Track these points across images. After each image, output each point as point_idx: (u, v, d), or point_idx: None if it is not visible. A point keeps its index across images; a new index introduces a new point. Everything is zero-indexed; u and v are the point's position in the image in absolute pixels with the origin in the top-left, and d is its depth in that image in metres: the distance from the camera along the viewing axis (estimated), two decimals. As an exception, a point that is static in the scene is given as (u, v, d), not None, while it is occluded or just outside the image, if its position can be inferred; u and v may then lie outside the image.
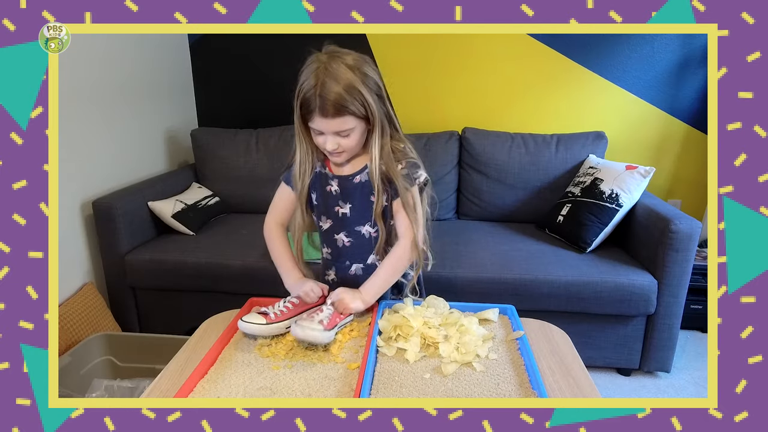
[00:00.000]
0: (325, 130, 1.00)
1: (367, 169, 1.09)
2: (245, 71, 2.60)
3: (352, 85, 0.95)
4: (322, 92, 0.95)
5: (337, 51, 1.00)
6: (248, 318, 0.99)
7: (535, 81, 2.45)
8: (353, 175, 1.11)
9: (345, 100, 0.95)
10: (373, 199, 1.09)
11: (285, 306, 1.04)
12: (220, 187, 2.38)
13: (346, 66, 0.96)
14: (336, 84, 0.95)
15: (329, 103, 0.95)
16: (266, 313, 1.01)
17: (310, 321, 0.95)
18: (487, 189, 2.29)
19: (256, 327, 0.98)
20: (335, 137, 1.01)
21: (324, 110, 0.96)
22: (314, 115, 0.98)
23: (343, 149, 1.03)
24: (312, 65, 0.98)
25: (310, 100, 0.96)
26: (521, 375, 0.87)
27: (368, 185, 1.09)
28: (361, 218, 1.13)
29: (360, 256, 1.16)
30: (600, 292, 1.74)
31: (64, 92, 1.74)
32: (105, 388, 1.51)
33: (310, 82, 0.96)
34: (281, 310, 1.02)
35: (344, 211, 1.13)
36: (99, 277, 1.99)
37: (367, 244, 1.15)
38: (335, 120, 0.97)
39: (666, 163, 2.48)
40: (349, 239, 1.15)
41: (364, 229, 1.14)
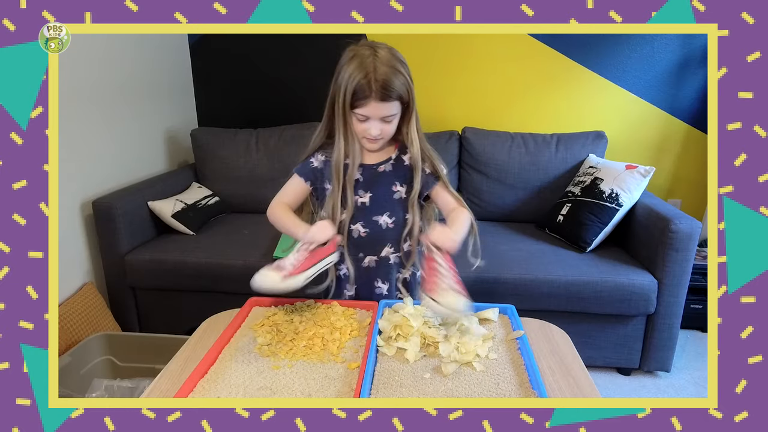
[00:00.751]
0: (374, 116, 1.03)
1: (392, 159, 1.15)
2: (245, 71, 2.60)
3: (400, 70, 1.01)
4: (378, 77, 0.99)
5: (375, 42, 1.05)
6: (262, 274, 0.93)
7: (535, 81, 2.45)
8: (378, 165, 1.14)
9: (397, 84, 1.01)
10: (394, 189, 1.15)
11: (299, 255, 0.97)
12: (220, 187, 2.38)
13: (391, 54, 1.02)
14: (390, 70, 1.00)
15: (386, 87, 1.00)
16: (281, 267, 0.95)
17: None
18: (487, 189, 2.29)
19: (272, 282, 0.92)
20: (380, 123, 1.04)
21: (380, 94, 1.00)
22: (368, 101, 1.01)
23: (383, 135, 1.07)
24: (357, 56, 1.02)
25: (364, 86, 1.00)
26: (521, 375, 0.87)
27: (391, 175, 1.15)
28: (380, 208, 1.15)
29: (374, 247, 1.17)
30: (600, 291, 1.74)
31: (64, 92, 1.74)
32: (105, 388, 1.51)
33: (363, 69, 1.00)
34: (296, 261, 0.96)
35: (363, 200, 1.15)
36: (99, 277, 1.99)
37: (382, 236, 1.17)
38: (387, 104, 1.02)
39: (666, 163, 2.48)
40: (365, 230, 1.16)
41: (382, 219, 1.16)
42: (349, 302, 1.12)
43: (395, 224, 1.16)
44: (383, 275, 1.20)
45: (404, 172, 1.15)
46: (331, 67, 1.07)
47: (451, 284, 0.91)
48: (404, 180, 1.16)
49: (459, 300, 0.88)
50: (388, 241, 1.17)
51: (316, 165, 1.15)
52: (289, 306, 1.10)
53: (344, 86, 1.02)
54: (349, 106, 1.04)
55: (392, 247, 1.18)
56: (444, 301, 0.88)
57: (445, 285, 0.90)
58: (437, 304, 0.88)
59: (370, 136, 1.05)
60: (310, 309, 1.08)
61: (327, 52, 2.48)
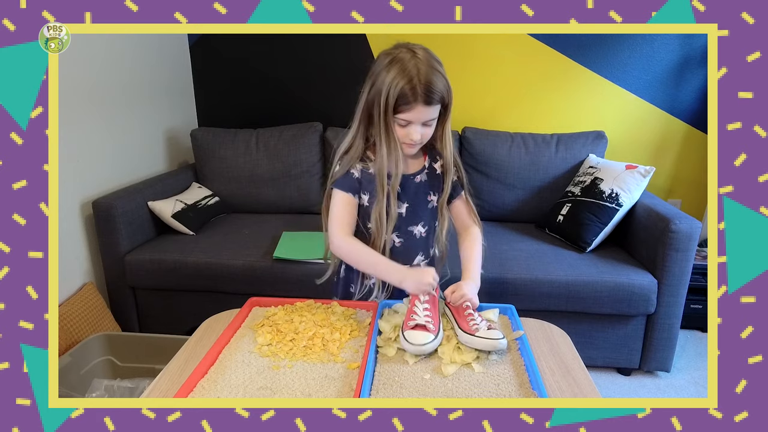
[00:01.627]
0: (417, 120, 1.02)
1: (426, 168, 1.14)
2: (245, 71, 2.60)
3: (440, 71, 1.00)
4: (424, 80, 0.97)
5: (410, 44, 1.02)
6: (411, 338, 0.91)
7: (535, 81, 2.45)
8: (414, 175, 1.13)
9: (440, 86, 1.00)
10: (429, 198, 1.15)
11: (425, 309, 0.97)
12: (220, 187, 2.38)
13: (429, 55, 1.01)
14: (434, 73, 0.99)
15: (431, 91, 0.98)
16: (423, 326, 0.94)
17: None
18: (487, 189, 2.29)
19: (431, 345, 0.91)
20: (421, 127, 1.03)
21: (424, 98, 0.98)
22: (413, 106, 0.99)
23: (422, 140, 1.06)
24: (397, 60, 0.99)
25: (408, 91, 0.98)
26: (521, 375, 0.87)
27: (426, 185, 1.14)
28: (415, 218, 1.15)
29: (407, 257, 1.16)
30: (600, 291, 1.74)
31: (64, 92, 1.74)
32: (105, 388, 1.51)
33: (405, 74, 0.98)
34: (429, 315, 0.96)
35: (400, 211, 1.13)
36: (99, 277, 1.99)
37: (415, 245, 1.16)
38: (431, 108, 1.01)
39: (666, 163, 2.48)
40: (399, 240, 1.15)
41: (416, 229, 1.15)
42: (349, 302, 1.12)
43: (427, 233, 1.17)
44: None
45: (437, 181, 1.16)
46: (332, 67, 1.07)
47: (485, 323, 0.95)
48: (437, 189, 1.16)
49: (497, 333, 0.92)
50: (420, 250, 1.17)
51: (357, 176, 1.11)
52: (289, 306, 1.10)
53: (387, 91, 0.99)
54: (392, 112, 1.01)
55: (422, 255, 1.18)
56: (485, 334, 0.91)
57: (481, 324, 0.94)
58: (482, 339, 0.91)
59: (410, 141, 1.04)
60: (310, 309, 1.08)
61: (327, 52, 2.49)
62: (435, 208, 1.16)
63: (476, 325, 0.93)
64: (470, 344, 0.91)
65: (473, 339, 0.91)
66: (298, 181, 2.35)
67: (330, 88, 2.49)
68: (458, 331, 0.95)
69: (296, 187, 2.36)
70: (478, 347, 0.91)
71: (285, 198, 2.37)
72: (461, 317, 0.97)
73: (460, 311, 0.99)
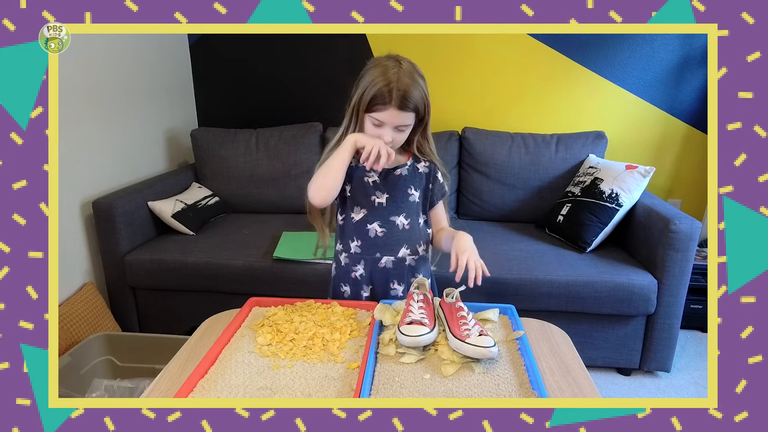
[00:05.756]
0: (390, 122, 1.06)
1: (408, 165, 1.19)
2: (245, 71, 2.60)
3: (421, 85, 1.06)
4: (400, 86, 1.03)
5: (399, 56, 1.09)
6: (407, 330, 0.93)
7: (535, 81, 2.45)
8: (395, 168, 1.18)
9: (416, 96, 1.05)
10: (410, 191, 1.19)
11: (419, 307, 0.99)
12: (220, 187, 2.38)
13: (413, 68, 1.07)
14: (411, 82, 1.04)
15: (405, 97, 1.04)
16: (418, 321, 0.95)
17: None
18: (487, 189, 2.29)
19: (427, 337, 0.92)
20: (393, 131, 1.08)
21: (398, 103, 1.04)
22: (387, 107, 1.04)
23: (394, 144, 1.10)
24: (381, 66, 1.06)
25: (384, 92, 1.03)
26: (521, 375, 0.87)
27: (408, 179, 1.19)
28: (397, 209, 1.19)
29: (391, 247, 1.19)
30: (600, 291, 1.74)
31: (64, 92, 1.74)
32: (105, 388, 1.51)
33: (385, 77, 1.04)
34: (423, 312, 0.98)
35: (380, 201, 1.18)
36: (99, 277, 1.99)
37: (399, 236, 1.19)
38: (403, 114, 1.06)
39: (666, 163, 2.48)
40: (382, 229, 1.18)
41: (399, 220, 1.19)
42: (350, 302, 1.12)
43: (411, 226, 1.19)
44: (399, 277, 1.21)
45: (419, 179, 1.20)
46: (332, 67, 1.08)
47: (477, 329, 0.94)
48: (419, 186, 1.20)
49: (488, 340, 0.90)
50: (405, 242, 1.20)
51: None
52: (289, 306, 1.10)
53: (364, 89, 1.06)
54: (365, 109, 1.07)
55: (408, 249, 1.20)
56: (475, 341, 0.90)
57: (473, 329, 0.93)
58: (472, 346, 0.89)
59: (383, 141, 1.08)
60: (310, 309, 1.08)
61: (327, 52, 2.49)
62: (417, 203, 1.20)
63: (467, 331, 0.92)
64: (459, 350, 0.90)
65: (462, 345, 0.89)
66: (298, 181, 2.35)
67: (330, 88, 2.49)
68: (449, 335, 0.94)
69: (296, 187, 2.36)
70: (467, 354, 0.89)
71: (285, 198, 2.37)
72: (453, 320, 0.96)
73: (453, 313, 0.98)
